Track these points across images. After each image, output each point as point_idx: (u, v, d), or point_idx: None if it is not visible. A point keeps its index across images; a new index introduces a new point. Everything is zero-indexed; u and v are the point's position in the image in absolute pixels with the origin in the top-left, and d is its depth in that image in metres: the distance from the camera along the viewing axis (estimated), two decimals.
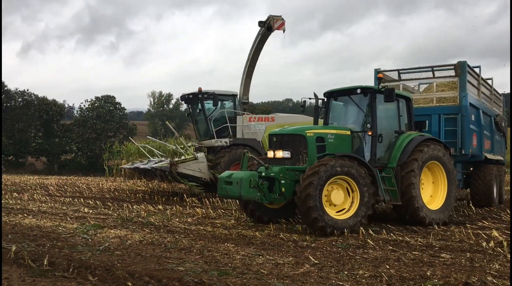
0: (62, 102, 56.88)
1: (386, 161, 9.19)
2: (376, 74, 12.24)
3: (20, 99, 51.26)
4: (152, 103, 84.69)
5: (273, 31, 16.88)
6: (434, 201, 9.58)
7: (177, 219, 9.94)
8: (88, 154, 50.66)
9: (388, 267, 5.71)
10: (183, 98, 16.74)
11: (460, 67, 11.56)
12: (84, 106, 53.56)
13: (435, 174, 9.71)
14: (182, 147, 15.92)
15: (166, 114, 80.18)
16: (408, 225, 8.98)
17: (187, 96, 16.28)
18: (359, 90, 9.18)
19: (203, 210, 11.42)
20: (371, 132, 8.90)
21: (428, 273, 5.38)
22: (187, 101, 16.61)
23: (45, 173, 43.74)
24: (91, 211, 11.58)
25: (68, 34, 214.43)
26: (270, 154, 8.89)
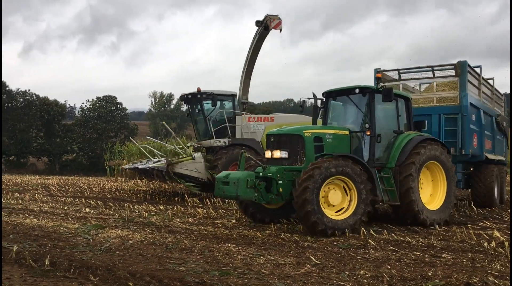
0: (64, 102, 57.22)
1: (384, 161, 9.15)
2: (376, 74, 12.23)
3: (21, 99, 51.32)
4: (153, 103, 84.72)
5: (270, 30, 16.78)
6: (434, 201, 9.56)
7: (178, 219, 9.94)
8: (89, 154, 50.69)
9: (389, 267, 5.71)
10: (182, 98, 16.77)
11: (460, 67, 11.52)
12: (86, 106, 53.63)
13: (435, 174, 9.68)
14: (180, 147, 15.95)
15: (167, 114, 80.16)
16: (409, 226, 8.97)
17: (186, 96, 16.30)
18: (357, 90, 9.17)
19: (204, 210, 11.42)
20: (369, 132, 8.88)
21: (430, 274, 5.38)
22: (186, 101, 16.63)
23: (46, 173, 43.82)
24: (92, 211, 11.59)
25: (70, 34, 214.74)
26: (267, 154, 8.86)
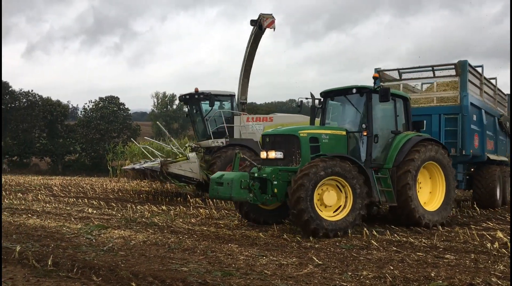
0: (66, 102, 57.50)
1: (382, 162, 9.06)
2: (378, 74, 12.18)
3: (24, 100, 51.54)
4: (156, 103, 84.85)
5: (263, 29, 16.65)
6: (432, 202, 9.45)
7: (180, 220, 9.95)
8: (92, 154, 50.82)
9: (392, 268, 5.69)
10: (181, 99, 16.84)
11: (460, 67, 11.42)
12: (88, 106, 53.78)
13: (433, 175, 9.57)
14: (176, 148, 16.02)
15: (170, 115, 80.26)
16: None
17: (184, 96, 16.34)
18: (354, 90, 9.12)
19: (207, 210, 11.42)
20: (366, 132, 8.80)
21: (432, 274, 5.37)
22: (185, 102, 16.67)
23: (49, 173, 43.95)
24: (95, 211, 11.61)
25: (73, 35, 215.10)
26: (262, 154, 8.79)
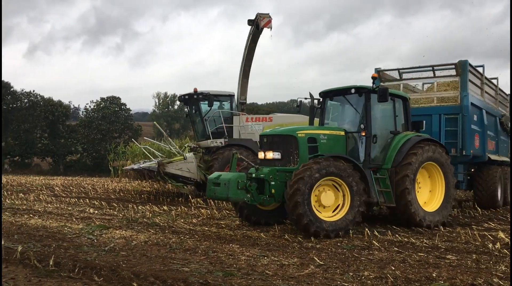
0: (68, 103, 57.35)
1: (381, 162, 9.03)
2: (378, 74, 12.16)
3: (26, 100, 51.48)
4: (157, 104, 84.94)
5: (260, 29, 16.57)
6: (431, 202, 9.42)
7: (182, 220, 9.96)
8: (93, 155, 50.79)
9: (393, 268, 5.69)
10: (180, 99, 16.87)
11: (461, 66, 11.38)
12: (90, 107, 53.71)
13: (433, 175, 9.55)
14: (174, 148, 16.07)
15: (171, 115, 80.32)
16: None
17: (183, 97, 16.36)
18: (353, 90, 9.11)
19: (208, 211, 11.43)
20: (365, 132, 8.78)
21: (434, 275, 5.36)
22: (184, 102, 16.69)
23: (50, 173, 43.98)
24: (96, 211, 11.62)
25: (74, 35, 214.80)
26: (260, 155, 8.78)
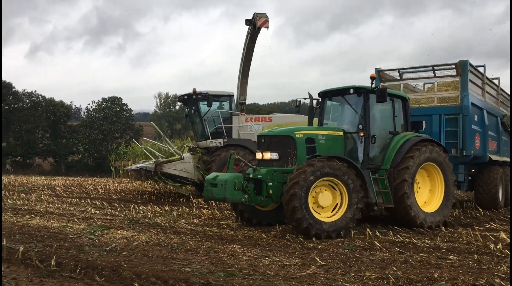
0: (69, 103, 57.43)
1: (379, 163, 9.00)
2: (378, 74, 12.14)
3: (27, 101, 51.56)
4: (158, 104, 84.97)
5: (257, 28, 16.56)
6: (432, 202, 9.39)
7: (183, 220, 9.96)
8: (95, 155, 50.82)
9: (395, 269, 5.69)
10: (180, 99, 16.92)
11: (461, 66, 11.34)
12: (91, 107, 53.75)
13: (432, 176, 9.50)
14: (172, 148, 16.11)
15: (173, 115, 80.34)
16: (414, 228, 8.93)
17: (183, 97, 16.38)
18: (352, 90, 9.09)
19: (210, 211, 11.43)
20: (363, 133, 8.75)
21: (436, 275, 5.36)
22: (184, 102, 16.71)
23: (52, 174, 44.01)
24: (98, 212, 11.63)
25: (76, 35, 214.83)
26: (258, 155, 8.78)
